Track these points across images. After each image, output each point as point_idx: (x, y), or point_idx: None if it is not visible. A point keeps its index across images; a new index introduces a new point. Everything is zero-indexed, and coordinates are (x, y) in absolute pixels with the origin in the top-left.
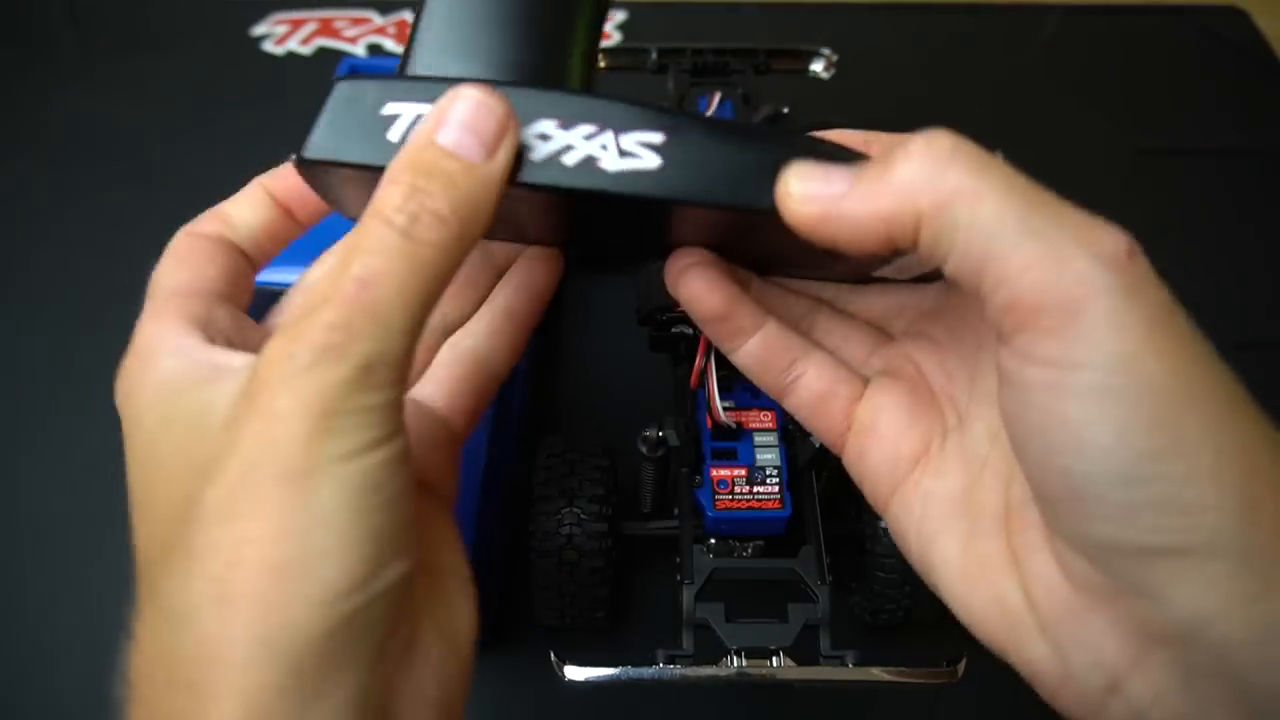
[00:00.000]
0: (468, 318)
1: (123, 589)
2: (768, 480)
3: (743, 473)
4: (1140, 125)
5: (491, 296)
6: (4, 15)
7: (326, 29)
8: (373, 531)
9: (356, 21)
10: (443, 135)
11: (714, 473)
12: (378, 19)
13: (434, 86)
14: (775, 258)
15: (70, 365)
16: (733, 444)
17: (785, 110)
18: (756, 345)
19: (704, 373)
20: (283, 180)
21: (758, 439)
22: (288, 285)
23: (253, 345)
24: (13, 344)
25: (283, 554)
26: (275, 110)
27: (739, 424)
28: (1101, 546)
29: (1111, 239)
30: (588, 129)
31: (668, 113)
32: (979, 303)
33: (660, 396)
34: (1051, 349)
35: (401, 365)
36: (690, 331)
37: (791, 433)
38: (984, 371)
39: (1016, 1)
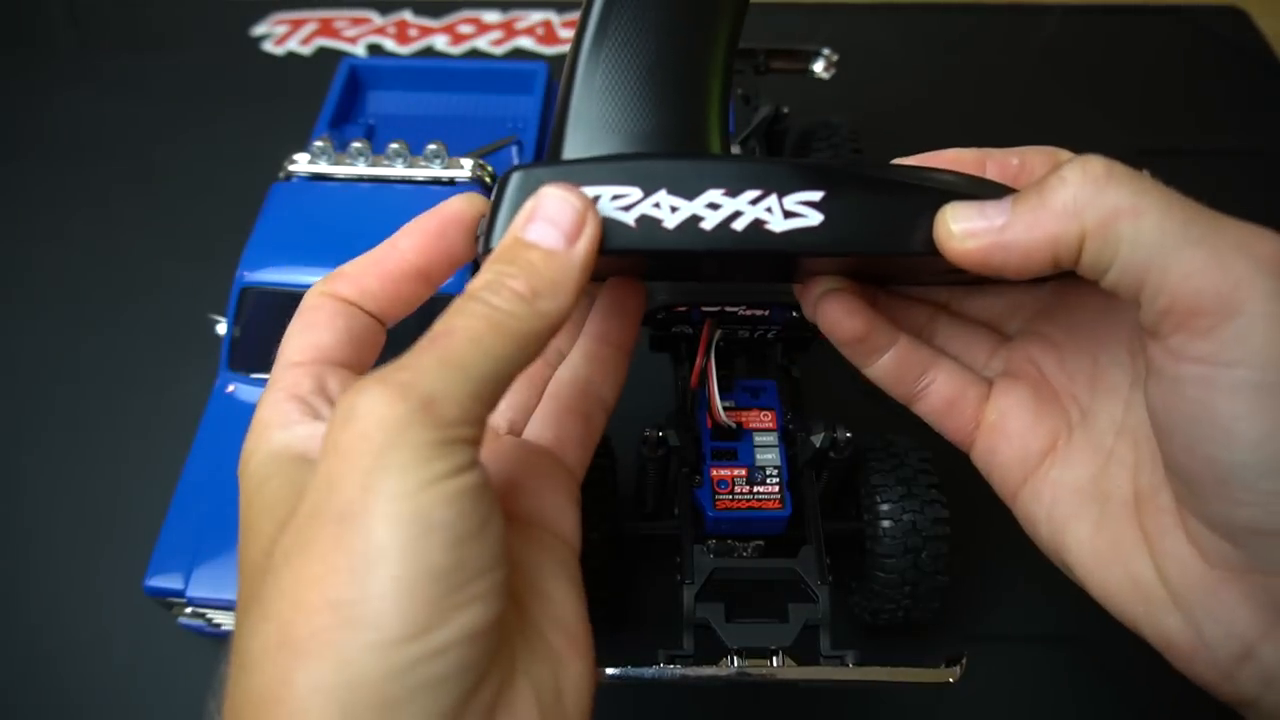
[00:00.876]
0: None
1: (123, 589)
2: (768, 480)
3: (743, 473)
4: (1141, 125)
5: (585, 326)
6: (4, 15)
7: (326, 29)
8: (433, 574)
9: (356, 21)
10: (528, 230)
11: (714, 473)
12: (378, 19)
13: (597, 169)
14: (903, 276)
15: (70, 365)
16: (733, 444)
17: (785, 110)
18: (890, 361)
19: (704, 372)
20: (414, 240)
21: (758, 439)
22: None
23: None
24: (13, 344)
25: (339, 594)
26: (275, 110)
27: (739, 424)
28: (1243, 529)
29: (1269, 243)
30: (753, 193)
31: (823, 168)
32: (1105, 302)
33: (660, 396)
34: (1207, 347)
35: (467, 405)
36: (690, 331)
37: (792, 433)
38: (1104, 368)
39: (1016, 1)
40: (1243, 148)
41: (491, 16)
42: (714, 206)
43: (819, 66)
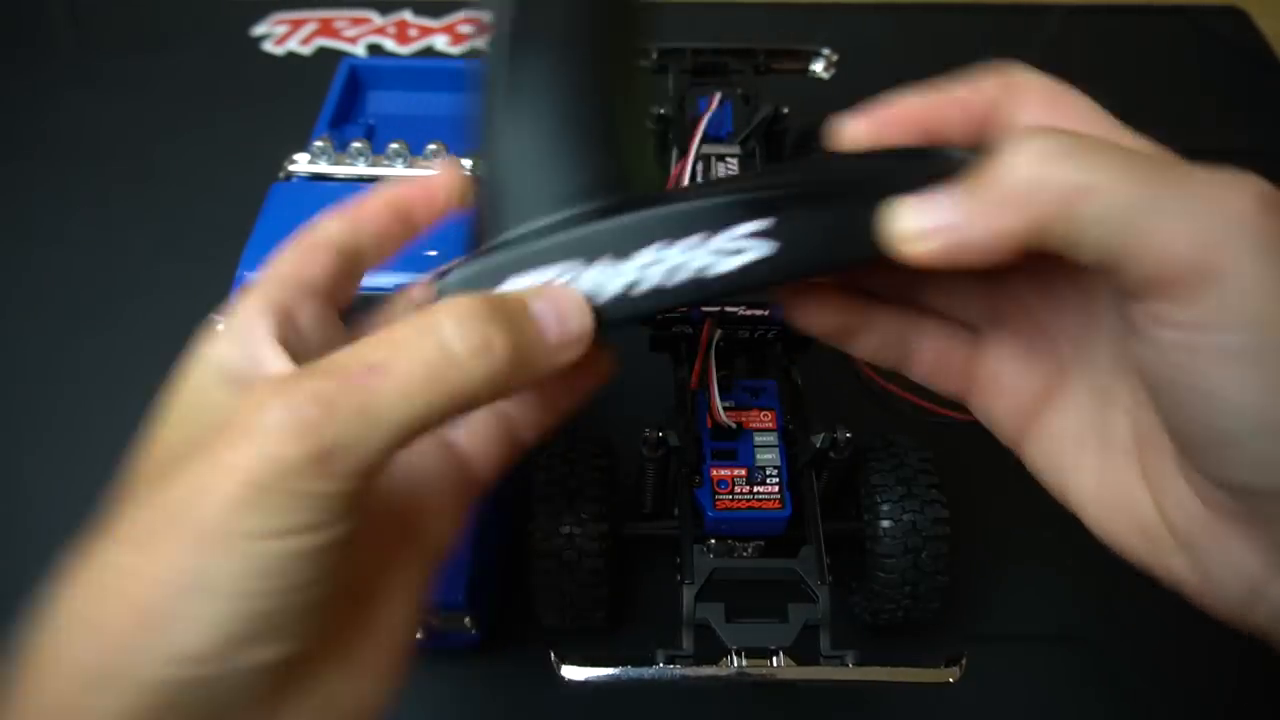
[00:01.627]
0: None
1: None
2: (768, 480)
3: (743, 473)
4: (1140, 125)
5: None
6: (4, 15)
7: (326, 29)
8: (254, 614)
9: (356, 21)
10: (536, 304)
11: (714, 473)
12: (378, 19)
13: (516, 257)
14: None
15: (70, 365)
16: (733, 444)
17: (785, 110)
18: (873, 338)
19: (704, 373)
20: (403, 188)
21: (758, 439)
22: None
23: (327, 345)
24: (13, 344)
25: (155, 602)
26: (275, 110)
27: (739, 424)
28: (1238, 488)
29: (1244, 193)
30: (691, 240)
31: (756, 199)
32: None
33: (660, 396)
34: (1188, 313)
35: (368, 461)
36: (690, 331)
37: (791, 433)
38: (1096, 298)
39: (1016, 1)
40: (1243, 148)
41: None
42: (653, 264)
43: (819, 66)
